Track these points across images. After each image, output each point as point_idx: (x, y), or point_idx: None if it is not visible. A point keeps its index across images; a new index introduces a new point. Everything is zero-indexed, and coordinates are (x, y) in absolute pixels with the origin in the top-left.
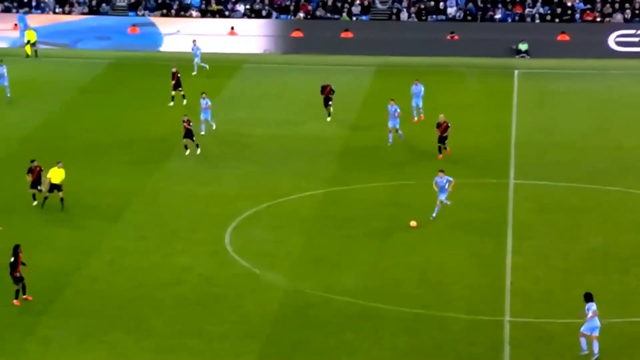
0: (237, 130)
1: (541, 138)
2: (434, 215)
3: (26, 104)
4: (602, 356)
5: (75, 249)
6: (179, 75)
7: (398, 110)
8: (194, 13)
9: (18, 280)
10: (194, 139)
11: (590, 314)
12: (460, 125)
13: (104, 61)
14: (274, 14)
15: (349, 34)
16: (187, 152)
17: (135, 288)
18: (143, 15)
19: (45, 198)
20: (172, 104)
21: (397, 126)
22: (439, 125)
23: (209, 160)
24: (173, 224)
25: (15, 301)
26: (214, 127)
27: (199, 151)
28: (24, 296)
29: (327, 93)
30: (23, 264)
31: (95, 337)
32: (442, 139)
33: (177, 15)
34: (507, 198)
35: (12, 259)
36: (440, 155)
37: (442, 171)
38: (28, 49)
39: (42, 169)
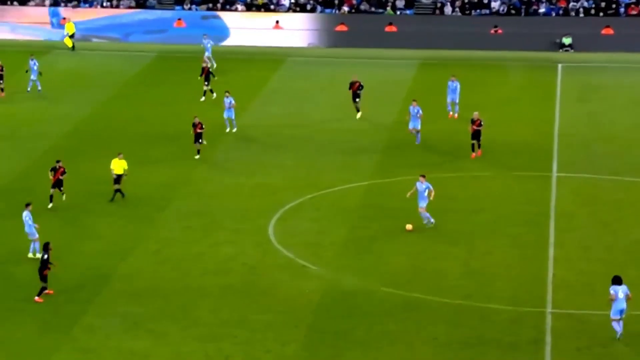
0: (281, 123)
1: (584, 131)
2: (432, 220)
3: (74, 96)
4: None
5: (122, 238)
6: (209, 69)
7: (420, 112)
8: (239, 7)
9: (46, 278)
10: (202, 140)
11: (612, 296)
12: (503, 118)
13: (150, 54)
14: (319, 7)
15: (393, 28)
16: (198, 156)
17: (180, 277)
18: (190, 9)
19: (117, 191)
20: (203, 99)
21: (418, 127)
22: (473, 122)
23: (254, 152)
24: (218, 215)
25: (37, 298)
26: (235, 130)
27: (198, 157)
28: (37, 297)
29: (355, 89)
30: (51, 263)
31: (141, 326)
32: (475, 136)
33: (223, 8)
34: (550, 190)
35: (45, 256)
36: (473, 154)
37: (423, 176)
38: (68, 41)
39: (66, 171)
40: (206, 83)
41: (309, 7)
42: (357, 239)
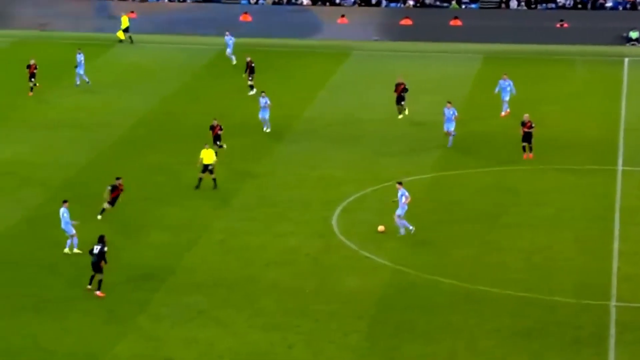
0: (345, 116)
1: None
2: (410, 227)
3: (140, 89)
4: None
5: (187, 228)
6: (253, 64)
7: (455, 113)
8: (305, 1)
9: (102, 270)
10: (219, 143)
11: None
12: (569, 113)
13: (216, 47)
14: (384, 2)
15: (458, 22)
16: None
17: (244, 267)
18: (256, 3)
19: (200, 180)
20: (252, 92)
21: (451, 129)
22: (523, 124)
23: (318, 145)
24: (282, 206)
25: (99, 292)
26: (269, 130)
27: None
28: (99, 292)
29: (400, 91)
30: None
31: (206, 314)
32: (526, 138)
33: (289, 2)
34: (615, 184)
35: (105, 249)
36: (525, 155)
37: (399, 183)
38: (120, 34)
39: (123, 189)
40: (250, 78)
41: (374, 0)
42: (420, 231)
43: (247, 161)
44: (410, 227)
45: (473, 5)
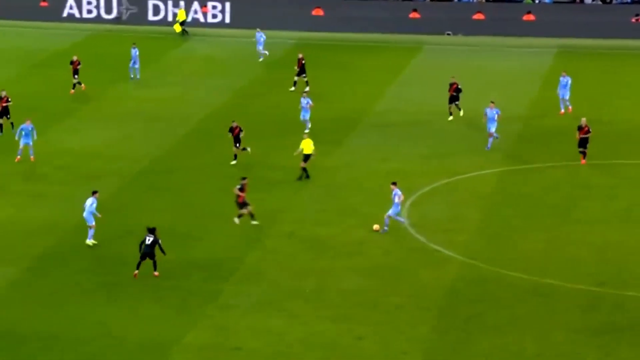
0: (416, 109)
1: None
2: (403, 220)
3: (214, 81)
4: None
5: (258, 219)
6: (303, 62)
7: (499, 112)
8: None
9: (154, 257)
10: (239, 145)
11: None
12: None
13: (289, 41)
14: None
15: (531, 17)
16: (234, 161)
17: (313, 259)
18: None
19: (304, 170)
20: (293, 89)
21: (493, 130)
22: (580, 129)
23: (389, 137)
24: (352, 198)
25: (137, 271)
26: (308, 129)
27: (234, 162)
28: (155, 272)
29: (452, 91)
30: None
31: (275, 305)
32: (582, 144)
33: None
34: None
35: (159, 240)
36: (583, 161)
37: (394, 184)
38: (177, 27)
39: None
40: (303, 75)
41: None
42: (490, 224)
43: (317, 153)
44: (403, 220)
45: (547, 0)
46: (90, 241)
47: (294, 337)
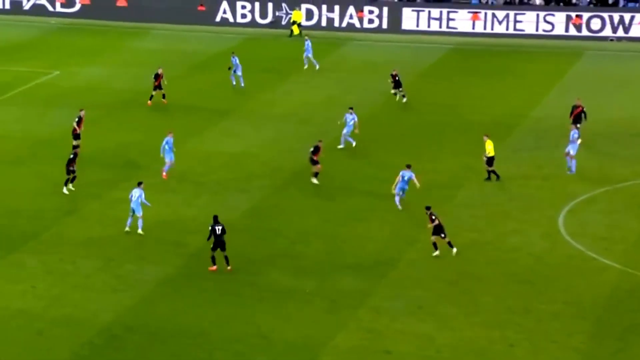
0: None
1: None
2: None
3: (366, 86)
4: None
5: (409, 224)
6: (397, 77)
7: (576, 134)
8: (537, 0)
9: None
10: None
11: None
12: None
13: (446, 47)
14: (621, 1)
15: None
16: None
17: (465, 264)
18: (486, 3)
19: (494, 172)
20: (404, 100)
21: (573, 152)
22: None
23: (545, 144)
24: (505, 205)
25: (215, 267)
26: (341, 146)
27: (315, 181)
28: (228, 267)
29: (576, 114)
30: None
31: (425, 310)
32: None
33: (521, 2)
34: None
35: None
36: None
37: (408, 166)
38: (296, 28)
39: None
40: (400, 89)
41: (610, 0)
42: None
43: (471, 157)
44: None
45: None
46: (140, 231)
47: (443, 342)
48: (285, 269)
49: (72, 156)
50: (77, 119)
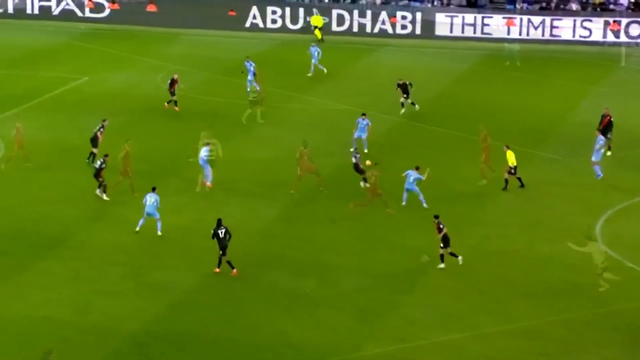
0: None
1: None
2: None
3: (397, 93)
4: None
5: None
6: (406, 85)
7: (602, 142)
8: (574, 6)
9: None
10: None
11: None
12: None
13: (481, 52)
14: None
15: None
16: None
17: (497, 272)
18: (521, 8)
19: (518, 179)
20: (417, 107)
21: (598, 159)
22: None
23: (580, 151)
24: (539, 213)
25: (218, 269)
26: (352, 147)
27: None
28: (234, 271)
29: (604, 124)
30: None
31: (458, 319)
32: None
33: (557, 7)
34: None
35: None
36: None
37: (417, 168)
38: (318, 33)
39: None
40: (405, 96)
41: None
42: None
43: (505, 164)
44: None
45: None
46: (160, 232)
47: (474, 351)
48: (315, 277)
49: (103, 165)
50: (100, 127)
